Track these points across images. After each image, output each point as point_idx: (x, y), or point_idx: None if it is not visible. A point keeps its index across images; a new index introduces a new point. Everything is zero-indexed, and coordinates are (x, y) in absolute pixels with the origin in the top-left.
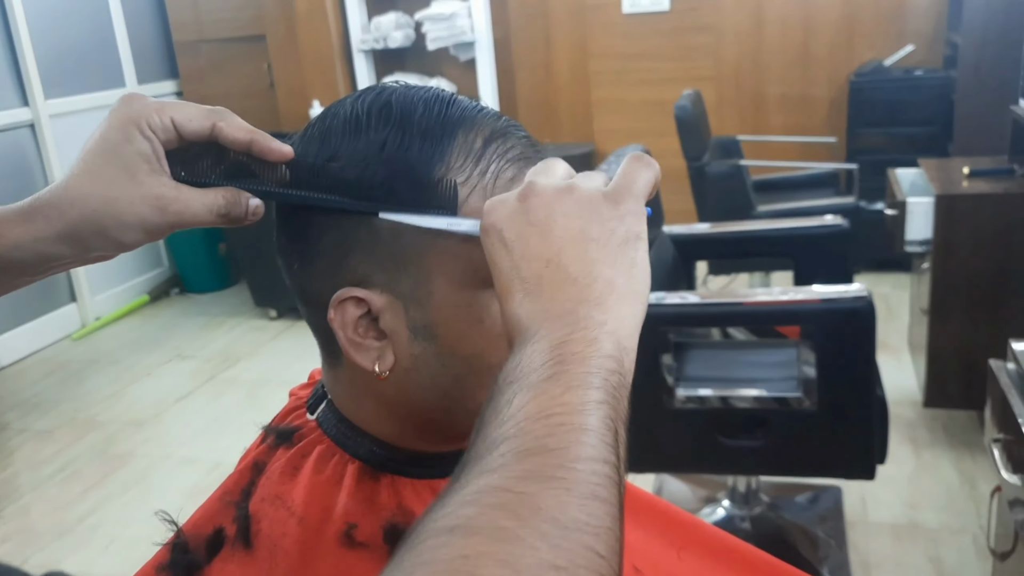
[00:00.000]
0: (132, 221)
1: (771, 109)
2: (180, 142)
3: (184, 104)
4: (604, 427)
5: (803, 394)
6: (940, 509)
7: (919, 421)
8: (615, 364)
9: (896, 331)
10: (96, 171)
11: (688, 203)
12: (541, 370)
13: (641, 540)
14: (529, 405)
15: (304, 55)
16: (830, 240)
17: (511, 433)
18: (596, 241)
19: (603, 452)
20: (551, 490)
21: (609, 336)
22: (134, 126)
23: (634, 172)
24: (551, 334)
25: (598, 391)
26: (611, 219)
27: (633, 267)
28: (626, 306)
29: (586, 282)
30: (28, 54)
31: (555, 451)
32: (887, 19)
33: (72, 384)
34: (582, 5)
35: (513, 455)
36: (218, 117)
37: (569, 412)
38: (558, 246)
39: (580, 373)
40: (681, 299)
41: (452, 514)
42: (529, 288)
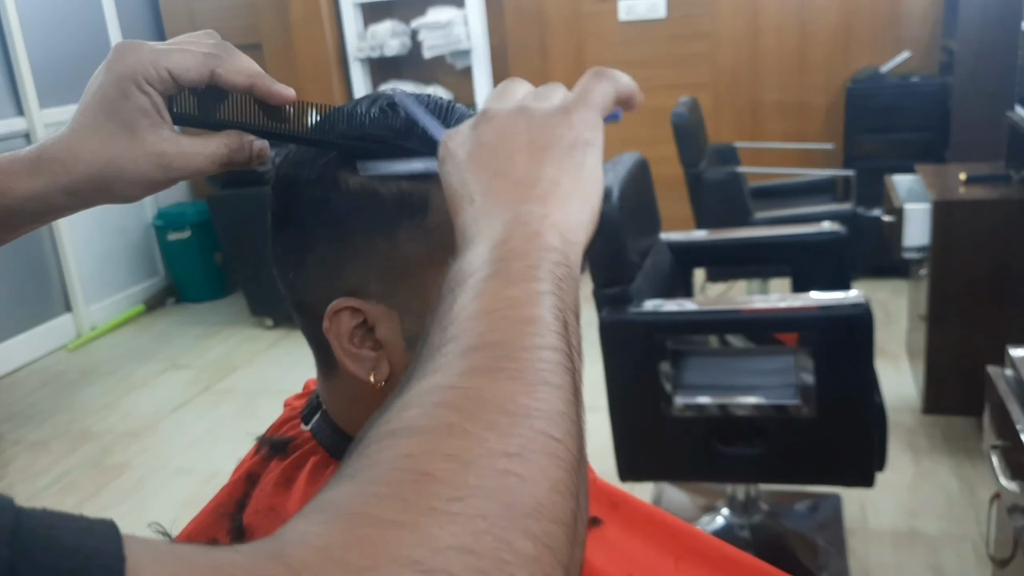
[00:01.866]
0: (135, 178)
1: (768, 116)
2: (178, 89)
3: (181, 51)
4: (551, 316)
5: (801, 401)
6: (940, 516)
7: (918, 428)
8: (559, 256)
9: (895, 337)
10: (97, 127)
11: (685, 210)
12: (483, 269)
13: (638, 549)
14: (471, 305)
15: (300, 63)
16: (828, 247)
17: (454, 334)
18: (544, 148)
19: (551, 340)
20: (497, 381)
21: (552, 228)
22: (131, 80)
23: (590, 84)
24: (492, 235)
25: (542, 283)
26: (560, 125)
27: (581, 168)
28: (572, 203)
29: (529, 183)
30: (23, 64)
31: (499, 344)
32: (883, 26)
33: (67, 395)
34: (578, 12)
35: (456, 354)
36: (216, 63)
37: (512, 306)
38: (506, 156)
39: (522, 267)
40: (679, 306)
41: (395, 418)
42: (476, 200)
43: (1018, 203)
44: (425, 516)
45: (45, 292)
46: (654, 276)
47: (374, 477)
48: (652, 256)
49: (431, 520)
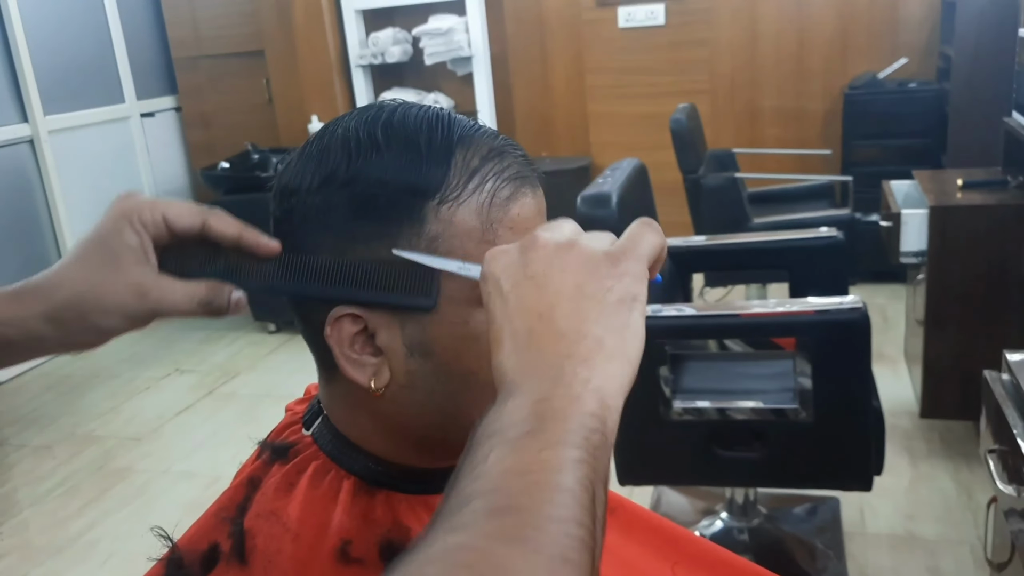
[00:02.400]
0: (112, 307)
1: (766, 122)
2: (171, 238)
3: (177, 202)
4: (580, 487)
5: (800, 405)
6: (937, 520)
7: (916, 432)
8: (597, 423)
9: (892, 342)
10: (84, 258)
11: (684, 216)
12: (520, 425)
13: (635, 555)
14: (505, 461)
15: (303, 70)
16: (825, 252)
17: (484, 489)
18: (590, 298)
19: (577, 513)
20: (519, 551)
21: (593, 394)
22: (125, 220)
23: (639, 235)
24: (533, 389)
25: (577, 450)
26: (609, 277)
27: (626, 328)
28: (614, 365)
29: (575, 339)
30: (27, 70)
31: (526, 510)
32: (880, 32)
33: (71, 399)
34: (578, 20)
35: (483, 512)
36: (209, 214)
37: (545, 470)
38: (551, 300)
39: (560, 431)
40: (678, 311)
41: (416, 573)
42: (518, 341)
43: (1015, 208)
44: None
45: None
46: None
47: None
48: None
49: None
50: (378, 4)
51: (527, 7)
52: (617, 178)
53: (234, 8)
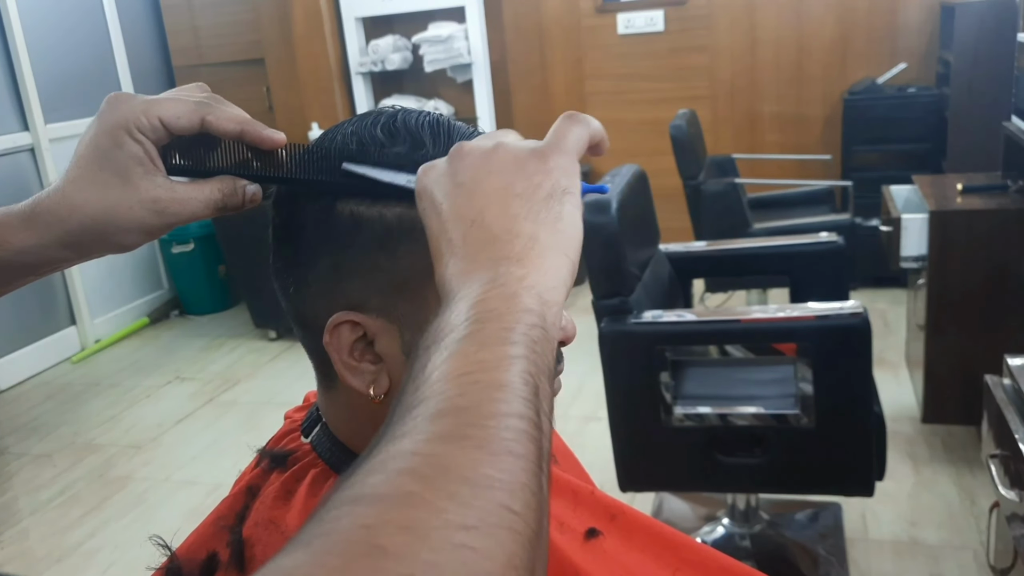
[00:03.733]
0: (131, 226)
1: (766, 128)
2: (170, 138)
3: (172, 100)
4: (521, 382)
5: (801, 411)
6: (940, 525)
7: (918, 437)
8: (535, 318)
9: (894, 347)
10: (91, 177)
11: (684, 221)
12: (458, 329)
13: (636, 561)
14: (444, 366)
15: (303, 78)
16: (826, 257)
17: (424, 396)
18: (519, 196)
19: (518, 407)
20: (461, 449)
21: (528, 290)
22: (123, 130)
23: (565, 128)
24: (469, 294)
25: (516, 346)
26: (537, 173)
27: (559, 220)
28: (549, 259)
29: (507, 239)
30: (28, 79)
31: (467, 409)
32: (880, 38)
33: (71, 407)
34: (577, 26)
35: (424, 418)
36: (207, 110)
37: (484, 369)
38: (481, 204)
39: (497, 329)
40: (678, 317)
41: (358, 483)
42: (455, 250)
43: (1015, 212)
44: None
45: (50, 305)
46: (653, 287)
47: (328, 547)
48: (651, 267)
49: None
50: (378, 12)
51: (526, 14)
52: (617, 184)
53: (235, 16)
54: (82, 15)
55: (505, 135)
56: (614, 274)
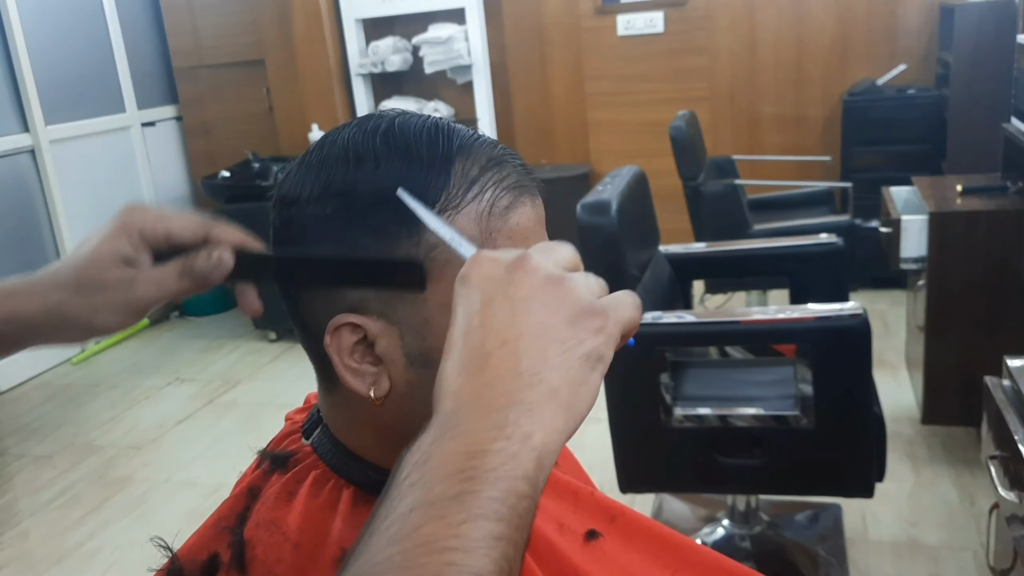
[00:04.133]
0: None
1: (766, 129)
2: (170, 249)
3: (182, 214)
4: (495, 567)
5: (800, 412)
6: (940, 526)
7: (918, 438)
8: (529, 488)
9: (894, 348)
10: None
11: (684, 223)
12: (447, 482)
13: (636, 562)
14: (425, 528)
15: (303, 79)
16: (825, 258)
17: (397, 558)
18: (560, 344)
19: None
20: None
21: (531, 452)
22: (123, 231)
23: (625, 303)
24: (471, 433)
25: (500, 523)
26: (584, 330)
27: (583, 385)
28: (560, 419)
29: (529, 381)
30: (28, 80)
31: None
32: (879, 39)
33: (71, 408)
34: (577, 28)
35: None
36: (212, 226)
37: (462, 549)
38: (520, 331)
39: (487, 499)
40: (678, 318)
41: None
42: (474, 361)
43: (1014, 214)
44: None
45: None
46: (653, 288)
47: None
48: (651, 269)
49: None
50: (378, 13)
51: (526, 15)
52: (617, 185)
53: (234, 18)
54: (82, 16)
55: (572, 263)
56: (613, 275)
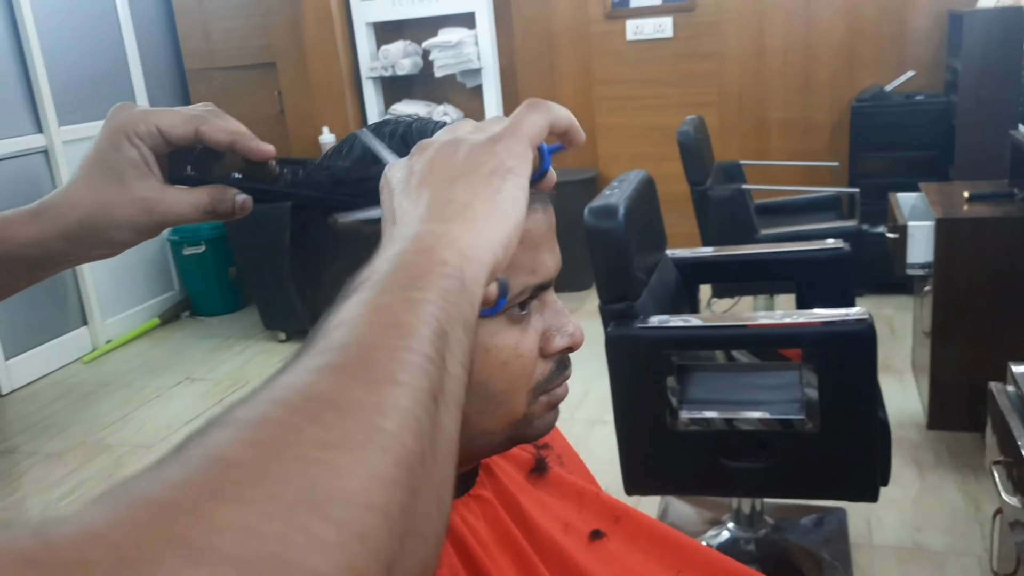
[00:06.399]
0: (122, 222)
1: (773, 134)
2: (168, 147)
3: (170, 110)
4: (421, 323)
5: (806, 416)
6: (945, 531)
7: (923, 443)
8: (451, 270)
9: (900, 353)
10: (90, 178)
11: (692, 227)
12: (367, 282)
13: (640, 562)
14: (344, 312)
15: (314, 83)
16: (832, 263)
17: (315, 340)
18: (464, 174)
19: (412, 343)
20: (336, 378)
21: (448, 246)
22: (122, 135)
23: (521, 115)
24: (389, 249)
25: (423, 291)
26: (483, 154)
27: (497, 193)
28: (479, 223)
29: (440, 205)
30: (42, 81)
31: (352, 344)
32: (888, 45)
33: (82, 407)
34: (586, 32)
35: (307, 355)
36: (200, 122)
37: (381, 311)
38: (427, 185)
39: (405, 277)
40: (684, 322)
41: (223, 414)
42: (394, 222)
43: (1021, 220)
44: (207, 499)
45: (62, 306)
46: (660, 292)
47: (171, 463)
48: (658, 272)
49: (213, 503)
50: (389, 17)
51: (536, 20)
52: (624, 189)
53: (246, 21)
54: (96, 19)
55: (462, 126)
56: (621, 278)
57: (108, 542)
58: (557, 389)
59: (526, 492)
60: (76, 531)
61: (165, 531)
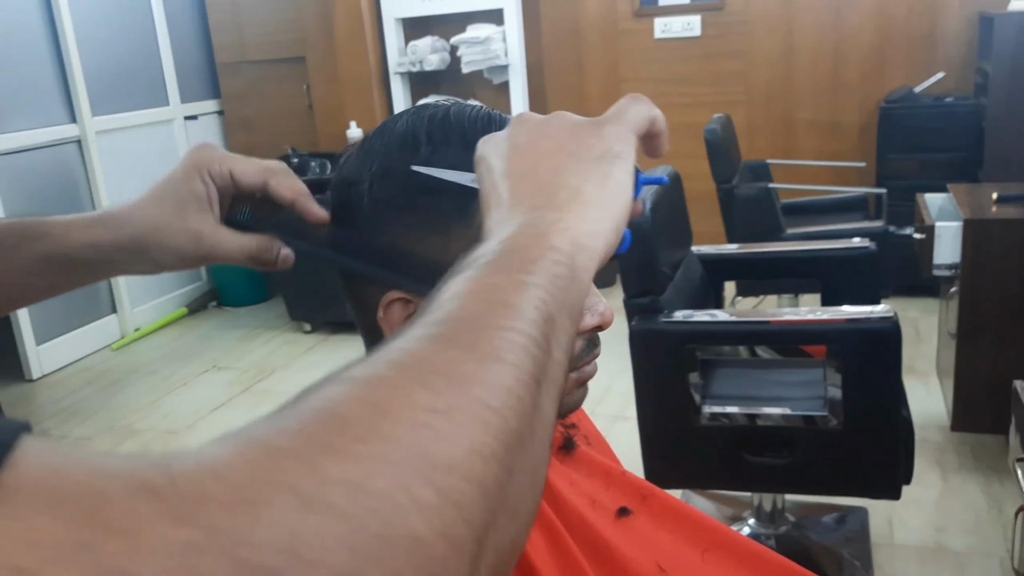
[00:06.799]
0: (171, 247)
1: (801, 134)
2: (235, 191)
3: (245, 159)
4: (531, 306)
5: (829, 413)
6: (967, 532)
7: (947, 445)
8: (562, 256)
9: (924, 356)
10: (156, 200)
11: (717, 225)
12: (480, 260)
13: (666, 540)
14: (456, 287)
15: (343, 77)
16: (858, 262)
17: (428, 311)
18: (571, 155)
19: (520, 325)
20: (447, 350)
21: (561, 233)
22: (196, 170)
23: (626, 104)
24: (502, 233)
25: (533, 276)
26: (591, 137)
27: (607, 178)
28: (591, 210)
29: (552, 190)
30: (77, 72)
31: (464, 319)
32: (918, 47)
33: (111, 393)
34: (614, 30)
35: (421, 325)
36: (271, 175)
37: (493, 291)
38: (533, 161)
39: (518, 261)
40: (709, 316)
41: (340, 372)
42: (501, 202)
43: None
44: (320, 451)
45: (92, 294)
46: (685, 288)
47: (289, 415)
48: (683, 269)
49: (326, 456)
50: (417, 13)
51: (564, 17)
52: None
53: (277, 15)
54: (130, 11)
55: (563, 112)
56: (646, 273)
57: (225, 480)
58: (587, 367)
59: (554, 468)
60: (196, 467)
61: (279, 476)
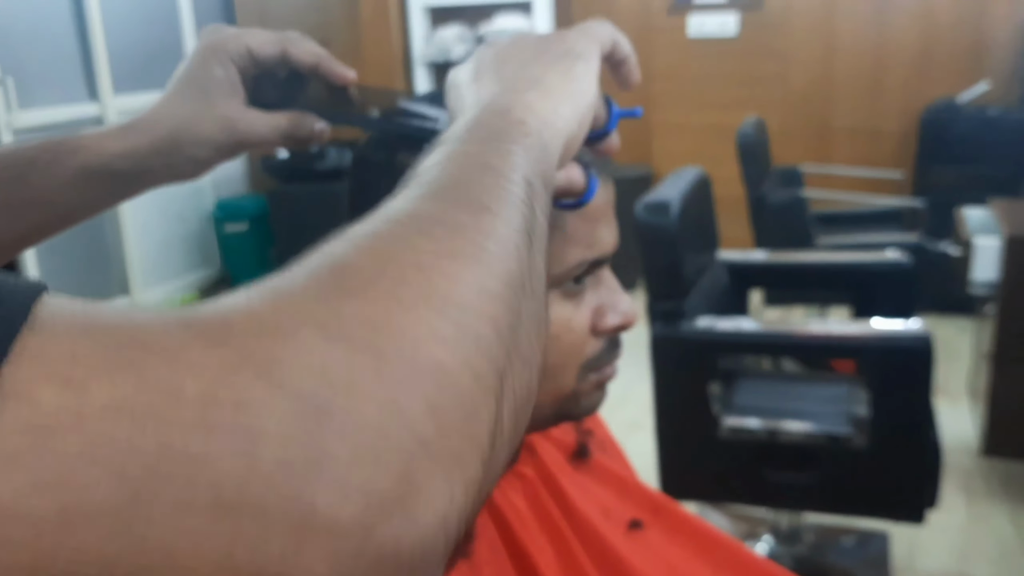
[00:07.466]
0: (204, 138)
1: (837, 140)
2: (256, 68)
3: (260, 31)
4: (509, 167)
5: (854, 431)
6: (991, 562)
7: (975, 470)
8: (530, 129)
9: (956, 377)
10: (178, 94)
11: (745, 231)
12: (451, 137)
13: (677, 554)
14: (433, 159)
15: (366, 64)
16: (891, 277)
17: (410, 183)
18: (534, 55)
19: (503, 182)
20: (440, 204)
21: (525, 108)
22: (212, 54)
23: (590, 22)
24: (468, 116)
25: (505, 143)
26: (554, 41)
27: (569, 71)
28: (554, 96)
29: (513, 80)
30: (100, 50)
31: (447, 180)
32: (962, 55)
33: None
34: (648, 27)
35: (407, 191)
36: (289, 43)
37: (470, 157)
38: (496, 66)
39: (487, 133)
40: (733, 325)
41: (343, 233)
42: (465, 103)
43: None
44: (336, 294)
45: (104, 274)
46: (709, 293)
47: (297, 270)
48: (708, 274)
49: (341, 297)
50: (445, 2)
51: (597, 12)
52: (679, 185)
53: None
54: None
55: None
56: (670, 276)
57: (251, 312)
58: (607, 368)
59: (567, 475)
60: (218, 307)
61: (300, 314)
